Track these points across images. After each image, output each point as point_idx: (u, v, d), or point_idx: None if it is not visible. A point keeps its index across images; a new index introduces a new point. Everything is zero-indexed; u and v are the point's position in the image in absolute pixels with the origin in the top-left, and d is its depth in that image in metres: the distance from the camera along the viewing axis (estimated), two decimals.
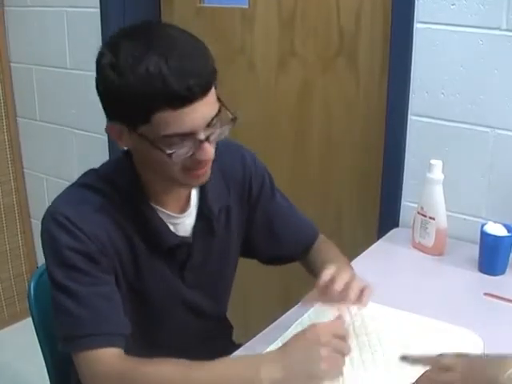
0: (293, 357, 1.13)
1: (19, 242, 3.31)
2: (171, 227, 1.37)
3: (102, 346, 1.19)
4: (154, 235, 1.34)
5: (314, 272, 1.52)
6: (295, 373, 1.11)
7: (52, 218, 1.25)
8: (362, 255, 1.85)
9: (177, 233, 1.38)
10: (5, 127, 3.13)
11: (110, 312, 1.24)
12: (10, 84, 3.10)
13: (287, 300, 1.57)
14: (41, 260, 3.47)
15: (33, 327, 1.59)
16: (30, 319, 1.59)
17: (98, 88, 1.22)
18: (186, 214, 1.40)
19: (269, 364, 1.13)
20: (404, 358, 1.17)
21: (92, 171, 1.38)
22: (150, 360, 1.18)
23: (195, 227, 1.42)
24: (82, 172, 1.38)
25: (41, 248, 1.29)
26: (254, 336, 1.44)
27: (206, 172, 1.28)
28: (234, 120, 1.26)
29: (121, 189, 1.31)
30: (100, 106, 1.23)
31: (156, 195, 1.34)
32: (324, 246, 1.63)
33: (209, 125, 1.20)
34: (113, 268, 1.29)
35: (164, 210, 1.35)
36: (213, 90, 1.20)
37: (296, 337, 1.17)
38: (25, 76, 3.04)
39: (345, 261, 1.52)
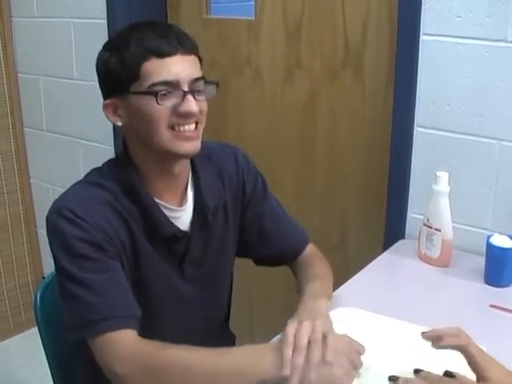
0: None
1: (25, 252, 3.31)
2: (171, 220, 1.43)
3: (118, 328, 1.23)
4: (155, 226, 1.40)
5: (297, 290, 1.55)
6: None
7: (57, 212, 1.32)
8: (367, 267, 1.85)
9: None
10: (12, 137, 3.14)
11: (121, 295, 1.28)
12: (17, 94, 3.12)
13: (292, 310, 1.57)
14: (47, 270, 3.46)
15: (38, 337, 1.59)
16: (35, 329, 1.60)
17: (98, 75, 1.39)
18: (183, 207, 1.45)
19: (272, 356, 1.15)
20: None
21: (94, 170, 1.47)
22: (169, 344, 1.21)
23: (192, 222, 1.47)
24: None
25: (47, 258, 1.31)
26: None
27: (194, 137, 1.36)
28: (217, 84, 1.39)
29: (123, 183, 1.38)
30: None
31: (155, 189, 1.41)
32: (310, 260, 1.64)
33: (193, 83, 1.33)
34: (119, 256, 1.33)
35: (163, 203, 1.41)
36: (196, 59, 1.36)
37: None
38: (32, 86, 3.06)
39: (323, 287, 1.50)
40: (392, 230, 2.12)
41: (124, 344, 1.22)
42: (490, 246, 1.72)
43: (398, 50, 1.99)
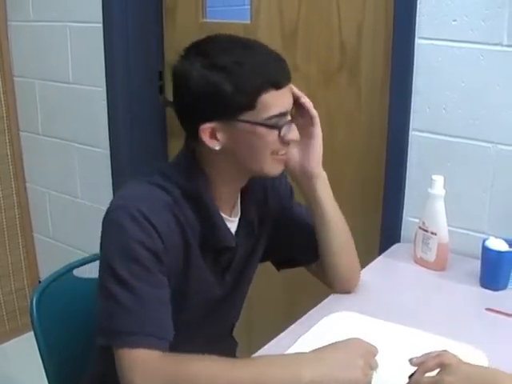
0: (334, 359, 1.18)
1: (21, 256, 3.30)
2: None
3: (149, 348, 1.20)
4: (216, 237, 1.40)
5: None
6: (335, 374, 1.15)
7: (125, 210, 1.26)
8: (363, 270, 1.84)
9: None
10: (7, 141, 3.14)
11: (162, 316, 1.26)
12: (13, 98, 3.12)
13: (291, 315, 1.57)
14: (43, 274, 3.44)
15: (34, 341, 1.58)
16: (31, 333, 1.59)
17: (185, 94, 1.32)
18: (234, 218, 1.47)
19: (311, 361, 1.17)
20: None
21: (156, 172, 1.40)
22: (191, 356, 1.20)
23: (238, 232, 1.48)
24: (85, 186, 1.39)
25: (43, 262, 1.29)
26: (257, 351, 1.43)
27: (285, 159, 1.41)
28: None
29: (184, 188, 1.35)
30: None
31: (218, 199, 1.40)
32: None
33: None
34: (169, 266, 1.30)
35: (222, 214, 1.42)
36: None
37: (337, 343, 1.22)
38: (28, 90, 3.05)
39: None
40: (388, 233, 2.12)
41: (150, 363, 1.19)
42: (485, 250, 1.72)
43: (394, 54, 1.99)
